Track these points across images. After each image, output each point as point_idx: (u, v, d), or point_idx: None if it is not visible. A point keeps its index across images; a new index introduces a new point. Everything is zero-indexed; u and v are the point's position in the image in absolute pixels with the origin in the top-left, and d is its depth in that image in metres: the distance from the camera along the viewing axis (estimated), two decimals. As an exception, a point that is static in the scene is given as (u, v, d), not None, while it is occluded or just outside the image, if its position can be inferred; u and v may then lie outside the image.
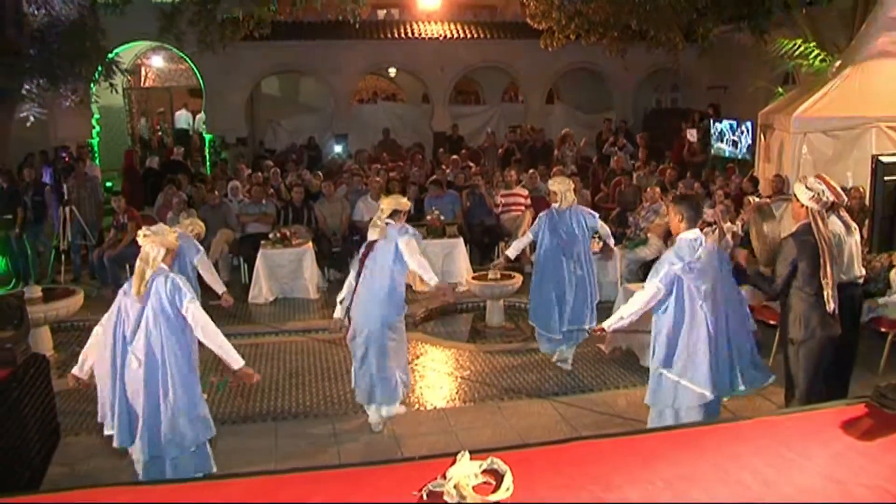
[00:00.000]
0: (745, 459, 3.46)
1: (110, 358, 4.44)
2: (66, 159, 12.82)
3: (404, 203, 6.02)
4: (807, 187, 4.89)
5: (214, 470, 4.76)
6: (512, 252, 7.50)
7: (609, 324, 5.03)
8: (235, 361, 4.53)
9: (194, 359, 4.61)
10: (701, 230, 4.93)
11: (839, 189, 5.07)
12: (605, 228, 7.50)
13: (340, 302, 6.02)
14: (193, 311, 4.40)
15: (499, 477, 3.36)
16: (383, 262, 5.74)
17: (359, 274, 5.80)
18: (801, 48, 11.95)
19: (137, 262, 4.45)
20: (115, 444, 4.51)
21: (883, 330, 6.76)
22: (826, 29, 12.72)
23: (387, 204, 5.93)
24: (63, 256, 10.69)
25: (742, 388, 4.94)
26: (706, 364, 4.67)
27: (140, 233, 4.54)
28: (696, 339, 4.71)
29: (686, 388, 4.70)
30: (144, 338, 4.34)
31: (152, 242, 4.44)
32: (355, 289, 5.81)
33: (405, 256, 5.74)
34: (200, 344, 4.58)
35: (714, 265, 4.78)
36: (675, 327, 4.70)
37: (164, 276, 4.40)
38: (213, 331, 4.46)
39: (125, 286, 4.52)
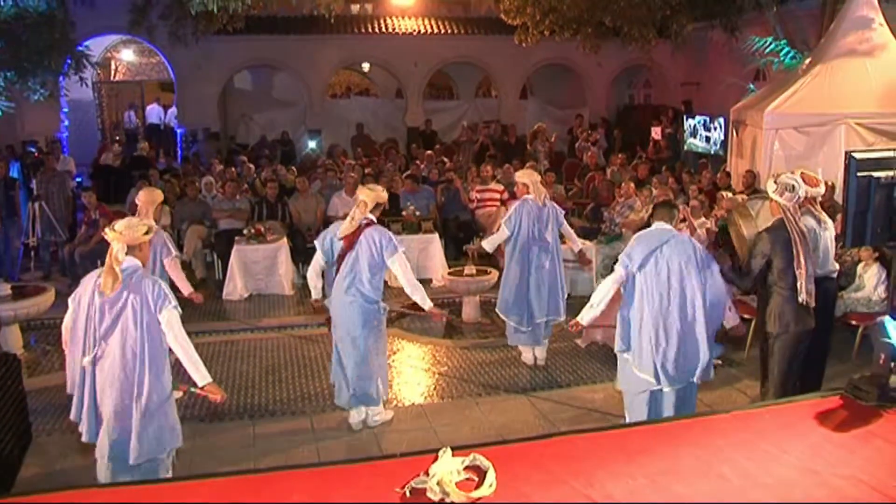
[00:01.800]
0: (725, 453, 3.51)
1: (80, 355, 4.36)
2: (36, 154, 12.58)
3: (384, 196, 5.91)
4: (776, 183, 4.97)
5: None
6: (488, 245, 7.42)
7: (583, 317, 5.12)
8: (202, 377, 4.41)
9: (168, 366, 4.50)
10: (674, 227, 5.05)
11: (815, 182, 5.16)
12: (568, 231, 7.43)
13: (317, 286, 5.97)
14: (171, 318, 4.30)
15: (481, 473, 3.37)
16: (364, 265, 5.64)
17: (337, 269, 5.72)
18: (772, 46, 12.11)
19: (106, 259, 4.29)
20: (83, 438, 4.43)
21: (854, 323, 6.88)
22: (796, 27, 12.91)
23: (370, 198, 5.74)
24: (32, 253, 10.50)
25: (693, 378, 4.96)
26: (649, 353, 4.78)
27: (108, 229, 4.37)
28: (644, 327, 4.84)
29: (636, 375, 4.82)
30: (122, 336, 4.23)
31: (116, 239, 4.33)
32: (333, 281, 5.73)
33: (400, 277, 5.75)
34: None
35: (678, 259, 4.85)
36: (632, 315, 4.85)
37: (151, 281, 4.32)
38: (185, 342, 4.36)
39: (92, 283, 4.35)
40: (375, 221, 5.80)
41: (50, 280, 9.91)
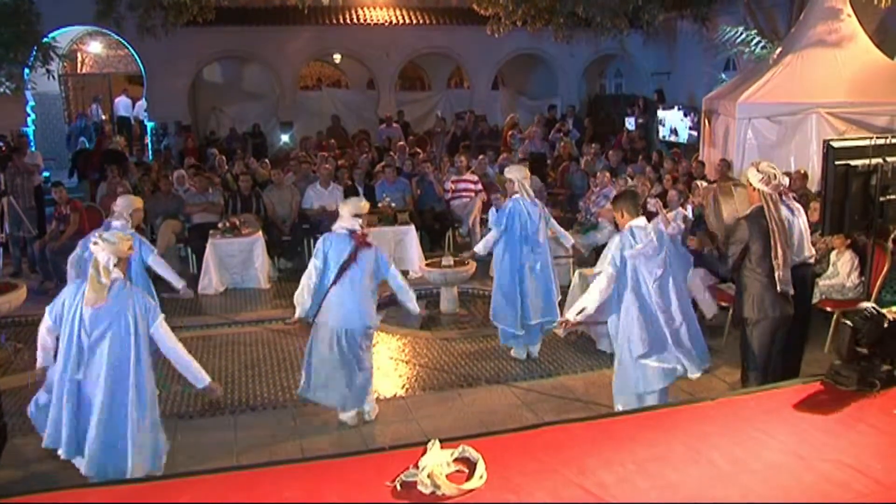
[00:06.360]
0: (713, 439, 3.54)
1: (62, 367, 4.32)
2: (3, 149, 12.28)
3: (364, 206, 5.83)
4: (759, 171, 5.01)
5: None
6: (482, 249, 7.22)
7: (572, 315, 5.18)
8: (201, 380, 4.52)
9: (152, 377, 4.55)
10: (648, 221, 5.13)
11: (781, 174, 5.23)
12: (558, 228, 7.35)
13: (303, 303, 5.75)
14: (163, 331, 4.40)
15: (471, 465, 3.37)
16: (366, 270, 5.63)
17: (338, 278, 5.59)
18: (743, 35, 12.22)
19: (90, 271, 4.31)
20: (62, 456, 4.47)
21: (829, 309, 6.98)
22: (766, 17, 13.04)
23: (353, 209, 5.72)
24: (1, 249, 10.30)
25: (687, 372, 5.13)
26: (669, 341, 4.92)
27: (92, 241, 4.41)
28: (655, 322, 4.93)
29: (656, 368, 4.88)
30: (110, 350, 4.23)
31: (103, 250, 4.29)
32: (327, 292, 5.61)
33: (395, 285, 5.84)
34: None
35: (666, 250, 4.95)
36: (641, 317, 4.87)
37: (128, 292, 4.34)
38: (180, 350, 4.46)
39: (71, 296, 4.34)
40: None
41: (20, 276, 9.73)
